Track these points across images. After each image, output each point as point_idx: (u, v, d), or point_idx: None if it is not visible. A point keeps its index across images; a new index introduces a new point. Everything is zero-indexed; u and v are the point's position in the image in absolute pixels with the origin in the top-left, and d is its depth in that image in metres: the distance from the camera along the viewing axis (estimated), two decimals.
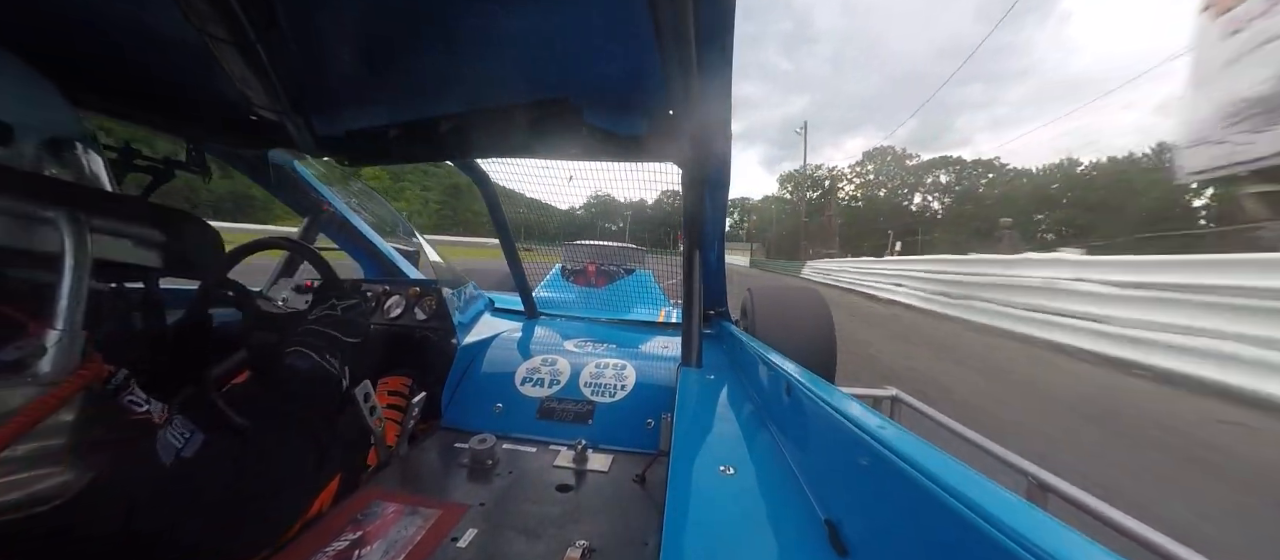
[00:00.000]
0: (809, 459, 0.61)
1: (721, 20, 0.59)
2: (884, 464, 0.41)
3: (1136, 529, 0.79)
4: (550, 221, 2.50)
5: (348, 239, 1.75)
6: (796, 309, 2.08)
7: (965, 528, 0.31)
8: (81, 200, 0.53)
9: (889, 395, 1.63)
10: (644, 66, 0.73)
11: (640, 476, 0.88)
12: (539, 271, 3.10)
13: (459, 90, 0.88)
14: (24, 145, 0.52)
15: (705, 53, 0.62)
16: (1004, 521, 0.29)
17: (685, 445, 0.67)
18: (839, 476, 0.52)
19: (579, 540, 0.69)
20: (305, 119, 0.95)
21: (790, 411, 0.69)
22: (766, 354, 0.90)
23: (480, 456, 0.91)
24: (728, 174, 1.02)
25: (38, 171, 0.53)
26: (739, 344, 1.17)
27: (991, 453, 1.16)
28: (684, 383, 0.95)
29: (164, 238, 0.65)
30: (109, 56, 0.82)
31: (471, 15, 0.65)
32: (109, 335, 0.72)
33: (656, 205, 1.54)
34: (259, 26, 0.64)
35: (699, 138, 0.85)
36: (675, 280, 2.30)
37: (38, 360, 0.45)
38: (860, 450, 0.46)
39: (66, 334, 0.46)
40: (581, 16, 0.64)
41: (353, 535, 0.69)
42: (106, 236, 0.56)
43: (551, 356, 1.30)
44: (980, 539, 0.30)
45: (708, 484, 0.56)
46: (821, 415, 0.57)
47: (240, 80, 0.72)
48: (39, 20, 0.70)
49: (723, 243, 1.35)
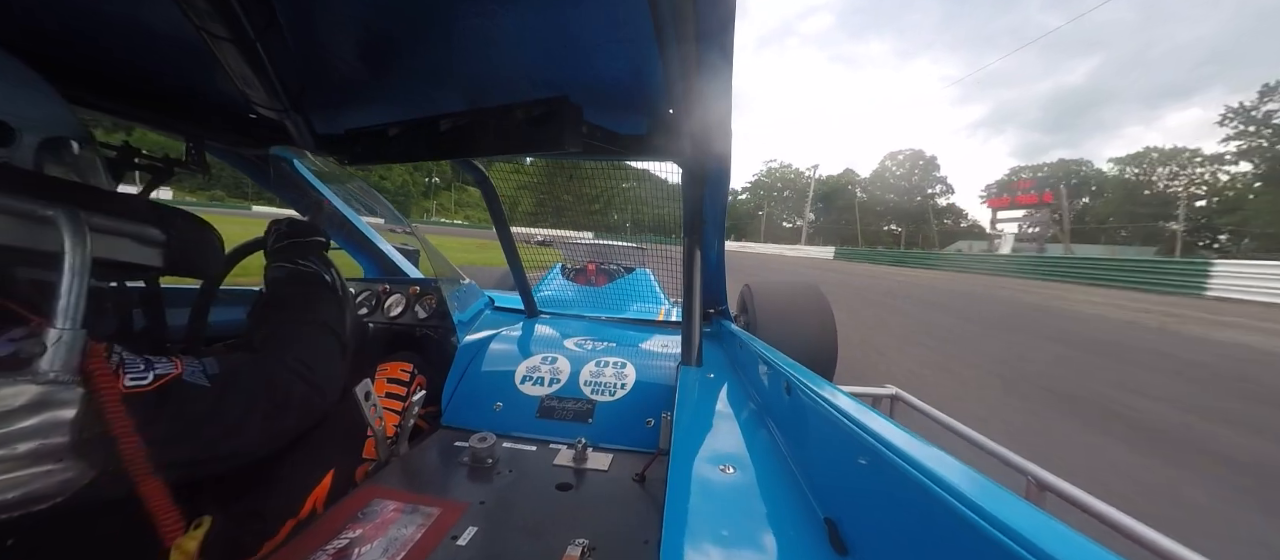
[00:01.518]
0: (809, 457, 0.61)
1: (721, 20, 0.59)
2: (884, 463, 0.41)
3: (1136, 529, 0.79)
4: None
5: (347, 237, 1.75)
6: (796, 307, 2.08)
7: (965, 527, 0.31)
8: (81, 199, 0.53)
9: (889, 394, 1.63)
10: (644, 65, 0.73)
11: (640, 475, 0.88)
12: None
13: (459, 89, 0.88)
14: (24, 144, 0.52)
15: (705, 52, 0.62)
16: (1004, 520, 0.29)
17: (685, 444, 0.67)
18: (839, 475, 0.52)
19: (579, 539, 0.69)
20: (305, 117, 0.95)
21: (790, 410, 0.69)
22: (766, 352, 0.90)
23: (480, 455, 0.91)
24: (728, 172, 1.02)
25: (37, 170, 0.53)
26: (739, 342, 1.17)
27: (991, 452, 1.16)
28: (684, 381, 0.95)
29: (164, 236, 0.65)
30: (109, 55, 0.82)
31: (471, 14, 0.65)
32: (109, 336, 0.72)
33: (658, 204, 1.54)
34: (259, 25, 0.64)
35: (699, 136, 0.85)
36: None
37: (37, 358, 0.45)
38: (860, 449, 0.46)
39: (67, 332, 0.46)
40: (581, 16, 0.64)
41: (352, 533, 0.69)
42: (106, 235, 0.56)
43: (551, 355, 1.30)
44: (980, 538, 0.30)
45: (708, 483, 0.56)
46: (821, 414, 0.57)
47: (240, 79, 0.72)
48: (38, 20, 0.70)
49: (723, 241, 1.35)
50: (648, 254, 3.17)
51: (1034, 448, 2.57)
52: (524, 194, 1.78)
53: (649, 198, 1.57)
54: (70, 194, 0.53)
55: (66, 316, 0.46)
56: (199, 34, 0.62)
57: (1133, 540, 0.78)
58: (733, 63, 0.66)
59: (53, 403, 0.44)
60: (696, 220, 1.08)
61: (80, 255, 0.49)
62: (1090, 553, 0.27)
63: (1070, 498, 0.92)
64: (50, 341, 0.45)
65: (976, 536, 0.30)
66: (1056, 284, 17.25)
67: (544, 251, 2.04)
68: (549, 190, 1.75)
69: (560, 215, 1.82)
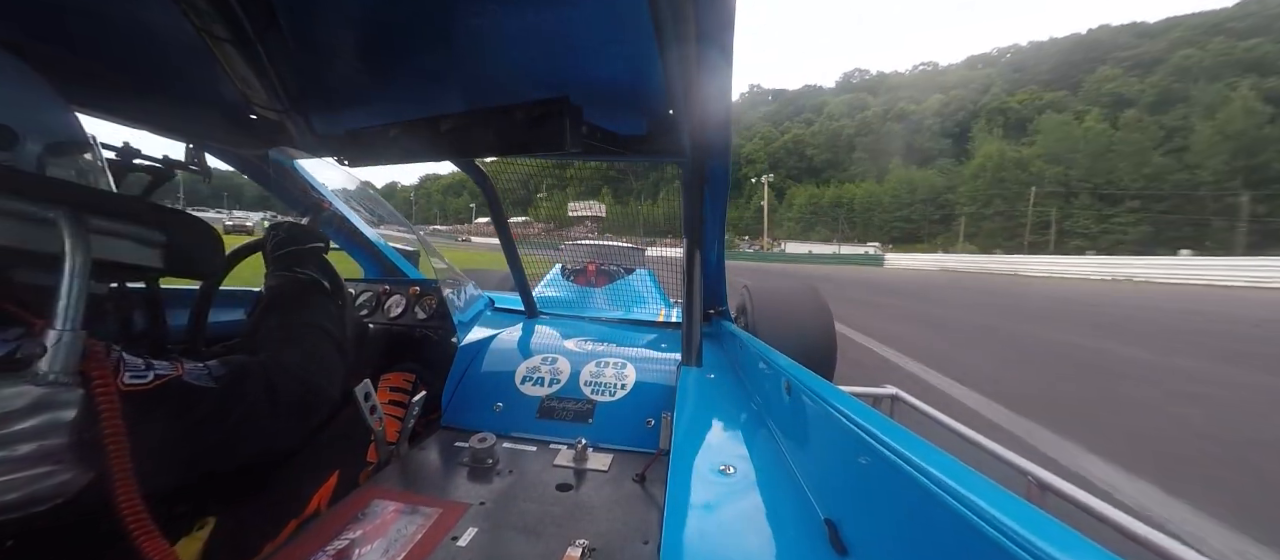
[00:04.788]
0: (809, 458, 0.61)
1: (721, 20, 0.59)
2: (884, 463, 0.41)
3: (1137, 529, 0.79)
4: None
5: (348, 238, 1.75)
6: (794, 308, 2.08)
7: (965, 527, 0.31)
8: (81, 200, 0.53)
9: (888, 394, 1.63)
10: (644, 66, 0.73)
11: (640, 476, 0.88)
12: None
13: (459, 89, 0.88)
14: (24, 145, 0.52)
15: (705, 52, 0.62)
16: (1003, 521, 0.29)
17: (685, 444, 0.67)
18: (839, 476, 0.52)
19: (579, 539, 0.69)
20: (305, 118, 0.95)
21: (790, 411, 0.69)
22: (766, 353, 0.90)
23: (480, 455, 0.91)
24: (728, 172, 1.02)
25: (38, 172, 0.53)
26: (739, 343, 1.17)
27: (991, 452, 1.16)
28: (684, 382, 0.95)
29: (164, 238, 0.65)
30: (109, 56, 0.82)
31: (471, 15, 0.65)
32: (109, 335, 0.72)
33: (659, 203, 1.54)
34: (259, 25, 0.64)
35: (699, 136, 0.85)
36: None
37: (37, 360, 0.45)
38: (860, 449, 0.46)
39: (66, 334, 0.46)
40: (581, 16, 0.64)
41: (353, 534, 0.69)
42: (107, 236, 0.56)
43: (552, 355, 1.30)
44: (980, 538, 0.30)
45: (708, 483, 0.56)
46: (821, 414, 0.57)
47: (240, 79, 0.72)
48: (38, 20, 0.70)
49: (723, 241, 1.35)
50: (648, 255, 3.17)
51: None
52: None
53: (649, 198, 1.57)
54: (71, 195, 0.52)
55: (66, 318, 0.46)
56: (199, 35, 0.62)
57: (1133, 540, 0.78)
58: (733, 63, 0.66)
59: (52, 404, 0.44)
60: (696, 220, 1.08)
61: (81, 257, 0.49)
62: (1090, 553, 0.27)
63: (1070, 498, 0.92)
64: (50, 343, 0.45)
65: (976, 537, 0.30)
66: None
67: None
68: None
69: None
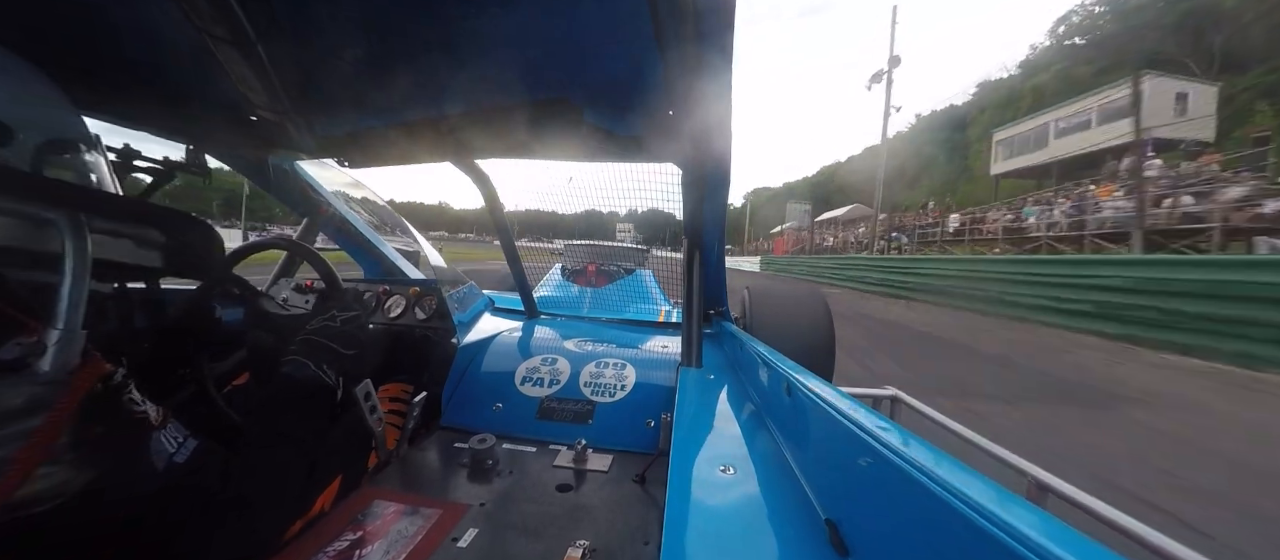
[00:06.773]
0: (809, 459, 0.61)
1: (721, 20, 0.59)
2: (884, 464, 0.41)
3: (1136, 529, 0.79)
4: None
5: (348, 239, 1.75)
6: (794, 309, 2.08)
7: (965, 527, 0.31)
8: (82, 201, 0.53)
9: (888, 395, 1.62)
10: (644, 66, 0.73)
11: (640, 476, 0.88)
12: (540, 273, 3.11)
13: (459, 91, 0.88)
14: (24, 146, 0.52)
15: (705, 53, 0.62)
16: (1004, 521, 0.29)
17: (685, 445, 0.67)
18: (839, 476, 0.52)
19: (579, 540, 0.69)
20: (305, 120, 0.95)
21: (790, 411, 0.69)
22: (766, 354, 0.90)
23: (480, 456, 0.91)
24: (728, 174, 1.02)
25: (38, 172, 0.53)
26: (739, 344, 1.17)
27: (991, 453, 1.16)
28: (684, 383, 0.95)
29: (164, 238, 0.65)
30: (110, 57, 0.82)
31: (472, 16, 0.65)
32: (109, 335, 0.72)
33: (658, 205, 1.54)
34: (259, 26, 0.64)
35: (699, 138, 0.85)
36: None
37: (37, 360, 0.45)
38: (860, 450, 0.46)
39: (66, 334, 0.46)
40: (581, 17, 0.64)
41: (353, 535, 0.69)
42: (107, 237, 0.56)
43: (551, 356, 1.30)
44: (980, 539, 0.30)
45: (708, 484, 0.56)
46: (821, 415, 0.57)
47: (240, 81, 0.72)
48: (40, 20, 0.70)
49: (723, 242, 1.35)
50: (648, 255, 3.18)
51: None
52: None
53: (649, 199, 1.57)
54: (71, 196, 0.53)
55: (66, 318, 0.46)
56: (200, 36, 0.62)
57: (1133, 540, 0.78)
58: (733, 63, 0.66)
59: (52, 404, 0.44)
60: (696, 221, 1.08)
61: (81, 257, 0.49)
62: (1090, 553, 0.27)
63: (1070, 498, 0.92)
64: (50, 343, 0.45)
65: (977, 537, 0.30)
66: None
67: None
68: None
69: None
